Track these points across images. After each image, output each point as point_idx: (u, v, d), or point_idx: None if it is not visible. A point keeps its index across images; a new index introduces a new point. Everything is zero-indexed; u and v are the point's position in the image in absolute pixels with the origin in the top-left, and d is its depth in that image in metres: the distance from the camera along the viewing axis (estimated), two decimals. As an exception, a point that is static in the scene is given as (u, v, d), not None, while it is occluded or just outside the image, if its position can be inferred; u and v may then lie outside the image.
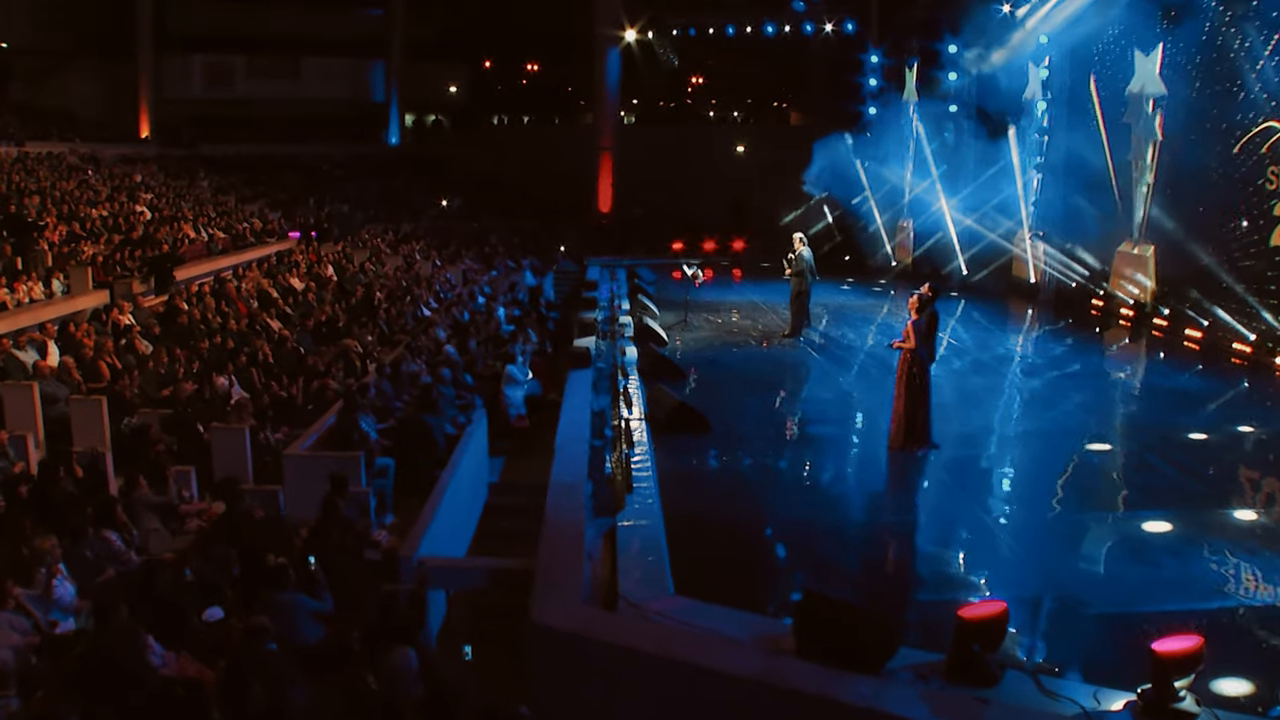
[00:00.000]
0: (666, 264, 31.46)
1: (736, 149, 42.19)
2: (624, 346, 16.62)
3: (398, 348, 16.25)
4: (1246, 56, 18.04)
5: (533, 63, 47.82)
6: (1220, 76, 18.81)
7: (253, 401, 11.90)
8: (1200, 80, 19.34)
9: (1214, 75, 19.00)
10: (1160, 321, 20.84)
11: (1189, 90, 19.65)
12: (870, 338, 20.05)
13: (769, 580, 8.76)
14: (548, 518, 8.62)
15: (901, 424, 11.88)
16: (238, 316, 16.35)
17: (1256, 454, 12.86)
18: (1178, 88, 19.99)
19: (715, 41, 39.01)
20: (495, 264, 28.15)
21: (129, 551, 8.02)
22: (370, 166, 40.37)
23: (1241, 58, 18.14)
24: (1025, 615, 7.99)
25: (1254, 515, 10.31)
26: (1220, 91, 18.84)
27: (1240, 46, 18.28)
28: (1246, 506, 10.66)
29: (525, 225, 36.50)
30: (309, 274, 21.35)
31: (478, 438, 11.99)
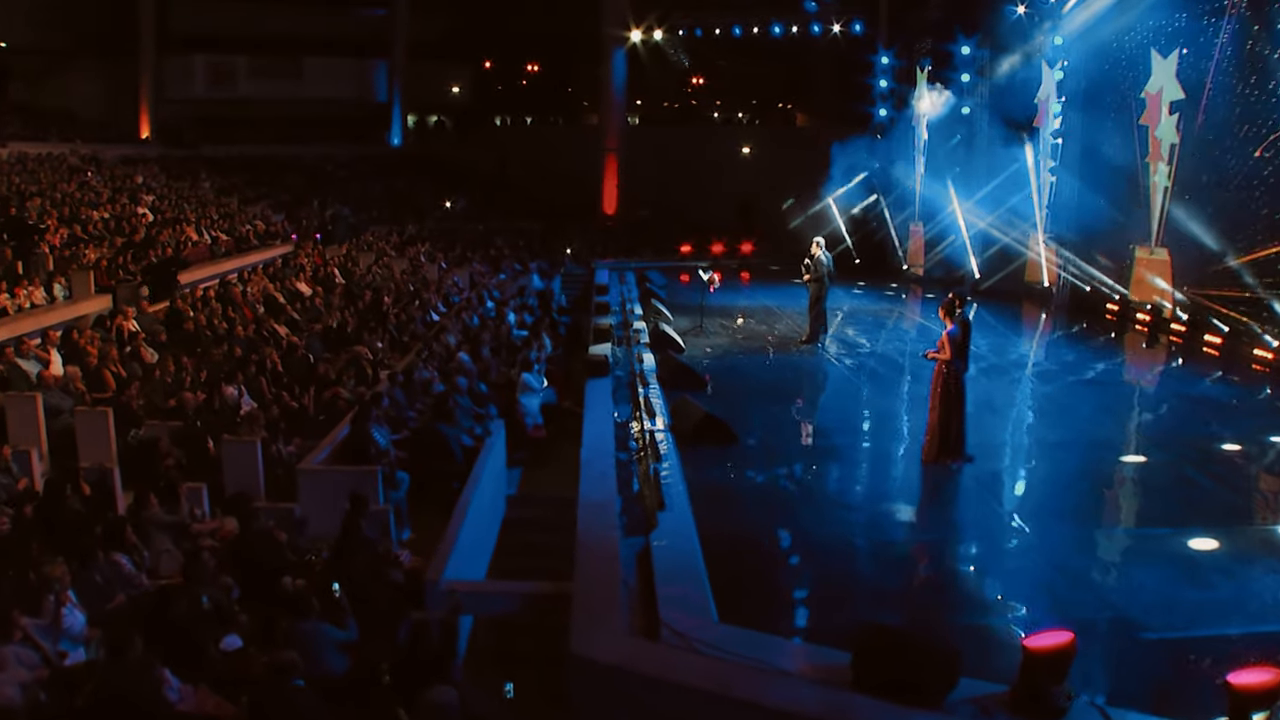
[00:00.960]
0: (675, 267, 31.15)
1: (743, 150, 41.87)
2: (640, 353, 16.21)
3: (409, 355, 15.87)
4: (1273, 58, 17.72)
5: (536, 63, 47.47)
6: (1243, 79, 18.47)
7: (262, 412, 11.51)
8: (1221, 83, 18.99)
9: (1235, 78, 18.68)
10: (1178, 327, 20.51)
11: (1209, 93, 19.30)
12: (888, 344, 19.70)
13: (813, 605, 8.39)
14: (580, 539, 8.24)
15: (935, 436, 11.52)
16: (244, 323, 15.95)
17: None
18: (1197, 90, 19.65)
19: (721, 42, 38.65)
20: (503, 267, 27.74)
21: (140, 575, 7.65)
22: (373, 167, 39.96)
23: (1270, 60, 17.81)
24: (1081, 640, 7.57)
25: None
26: (1243, 94, 18.49)
27: (1265, 49, 17.97)
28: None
29: (530, 227, 36.12)
30: (315, 278, 20.95)
31: (497, 450, 11.61)
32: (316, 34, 40.83)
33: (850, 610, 8.14)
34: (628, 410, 13.24)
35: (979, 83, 26.72)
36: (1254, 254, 18.41)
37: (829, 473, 11.85)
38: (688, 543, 8.46)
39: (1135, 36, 21.23)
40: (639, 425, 12.19)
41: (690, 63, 40.55)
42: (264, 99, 40.45)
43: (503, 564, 10.52)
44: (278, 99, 40.59)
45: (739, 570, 8.47)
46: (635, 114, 44.67)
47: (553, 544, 11.39)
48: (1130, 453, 12.55)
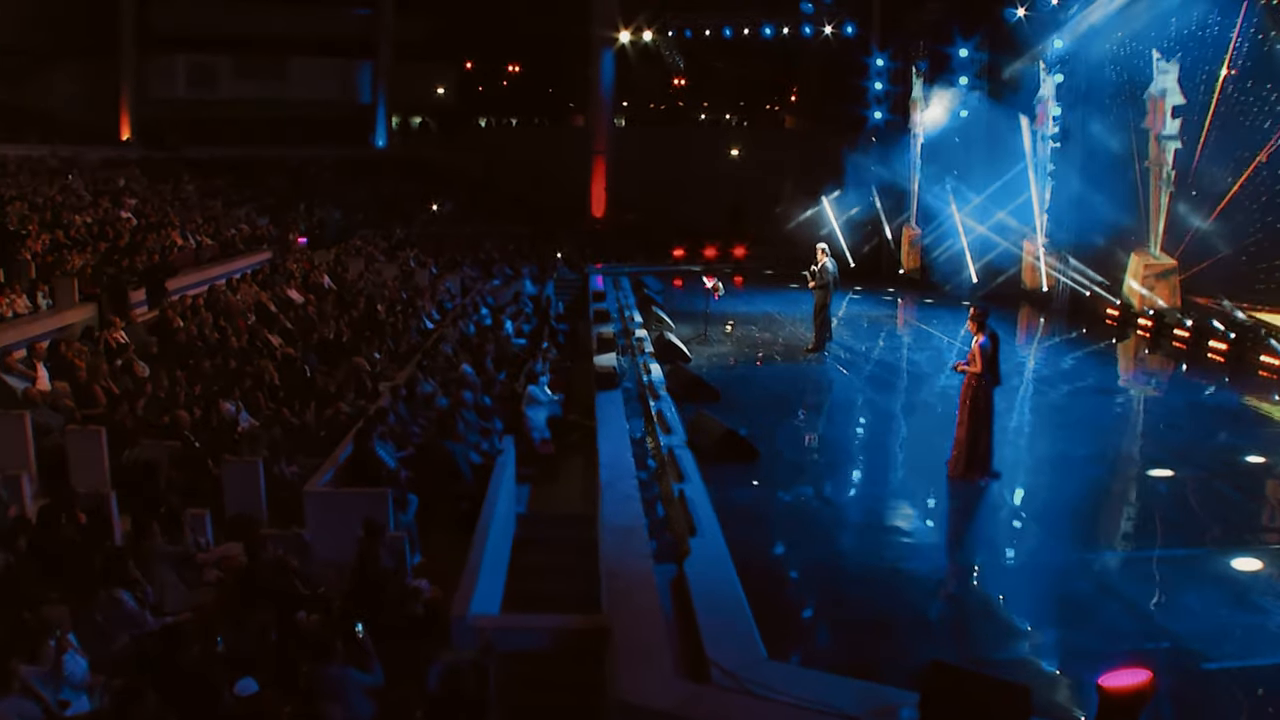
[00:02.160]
0: (669, 271, 30.76)
1: (731, 153, 41.52)
2: (647, 364, 15.73)
3: (408, 366, 15.36)
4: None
5: (522, 64, 46.96)
6: (1246, 83, 18.23)
7: (263, 430, 11.00)
8: (1226, 87, 18.73)
9: (1240, 82, 18.43)
10: (1181, 333, 20.25)
11: (1212, 96, 19.04)
12: (894, 352, 19.37)
13: (859, 636, 7.94)
14: (611, 568, 7.77)
15: (964, 452, 11.16)
16: (237, 333, 15.38)
17: None
18: (1199, 94, 19.39)
19: (711, 43, 38.28)
20: (494, 272, 27.24)
21: (143, 613, 7.14)
22: (358, 170, 39.33)
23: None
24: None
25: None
26: (1246, 99, 18.24)
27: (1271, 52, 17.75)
28: None
29: (519, 230, 35.62)
30: (305, 284, 20.40)
31: (509, 468, 11.13)
32: (300, 34, 40.14)
33: (899, 642, 7.77)
34: (640, 425, 12.79)
35: (977, 85, 26.42)
36: (1258, 259, 18.21)
37: (857, 491, 11.43)
38: (724, 570, 8.00)
39: (1139, 39, 20.95)
40: (653, 441, 11.73)
41: (679, 65, 40.13)
42: (247, 100, 39.74)
43: (518, 588, 10.03)
44: (260, 100, 39.89)
45: (779, 599, 8.06)
46: (621, 115, 44.27)
47: (568, 565, 10.95)
48: (1156, 467, 12.19)
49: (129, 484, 9.42)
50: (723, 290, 19.26)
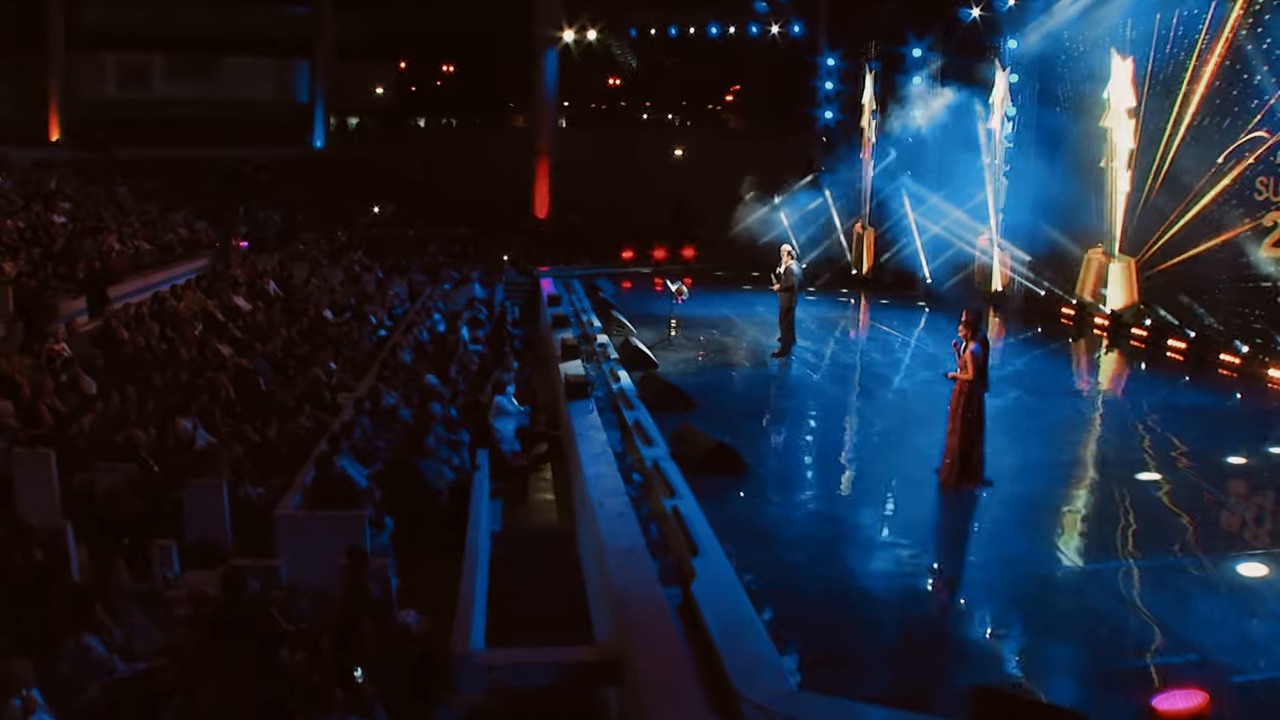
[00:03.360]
0: (618, 273, 30.29)
1: (675, 153, 41.16)
2: (614, 371, 15.26)
3: (366, 377, 14.72)
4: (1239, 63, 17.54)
5: (462, 64, 46.18)
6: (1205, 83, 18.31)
7: (222, 448, 10.35)
8: (1183, 87, 18.79)
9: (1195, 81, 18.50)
10: (1140, 332, 20.33)
11: (1169, 96, 19.10)
12: (861, 354, 19.16)
13: (884, 660, 7.61)
14: (619, 595, 7.30)
15: (956, 460, 10.93)
16: (185, 344, 14.61)
17: None
18: (1157, 92, 19.45)
19: (655, 43, 37.90)
20: (442, 276, 26.53)
21: (112, 659, 6.53)
22: (296, 171, 38.27)
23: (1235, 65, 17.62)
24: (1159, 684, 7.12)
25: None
26: (1204, 99, 18.32)
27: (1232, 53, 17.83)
28: None
29: (462, 232, 34.89)
30: (251, 290, 19.62)
31: (486, 485, 10.62)
32: (235, 32, 39.00)
33: (927, 665, 7.52)
34: (616, 436, 12.31)
35: (931, 85, 26.33)
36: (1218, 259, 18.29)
37: (852, 503, 11.06)
38: (734, 593, 7.59)
39: (1097, 38, 20.96)
40: (634, 454, 11.27)
41: (631, 63, 39.67)
42: (180, 100, 38.52)
43: (500, 610, 9.53)
44: (194, 100, 38.68)
45: (795, 623, 7.64)
46: (562, 115, 43.70)
47: (550, 585, 10.49)
48: (1142, 471, 12.07)
49: (84, 512, 8.74)
50: (686, 294, 18.84)
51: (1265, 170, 17.26)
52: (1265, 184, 17.32)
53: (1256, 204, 17.44)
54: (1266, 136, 17.22)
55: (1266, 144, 17.21)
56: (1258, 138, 17.38)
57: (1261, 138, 17.31)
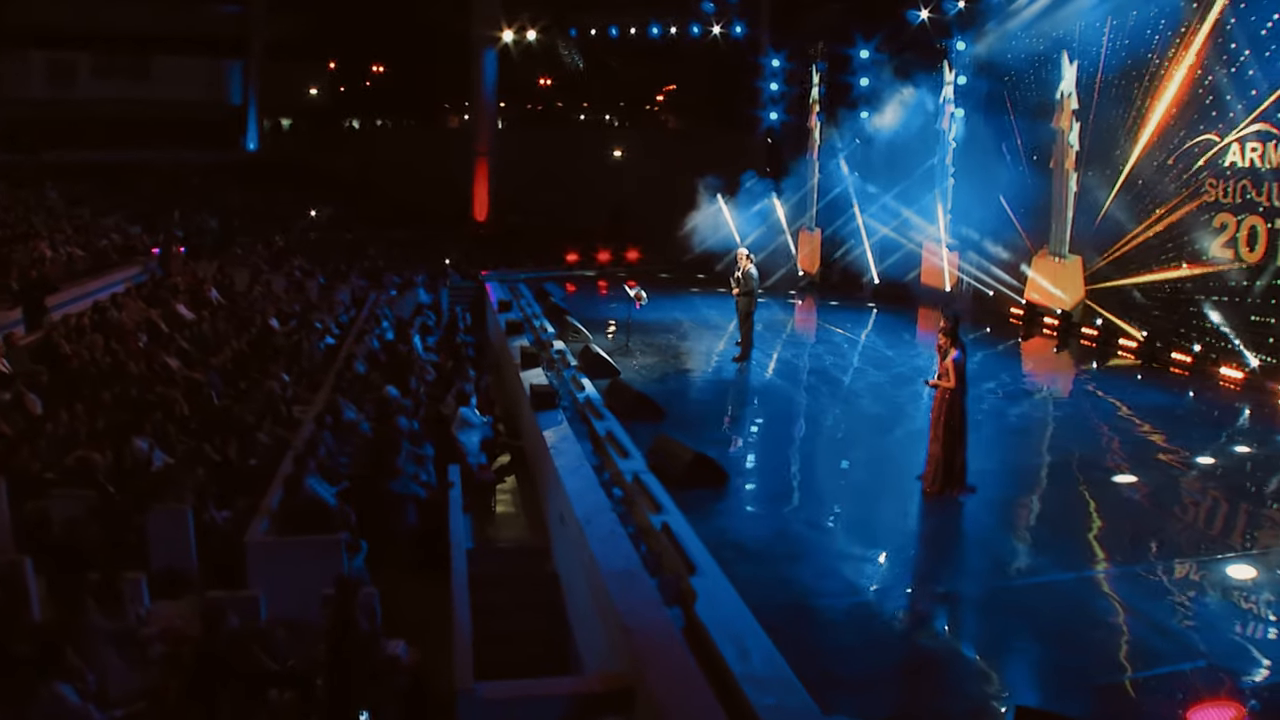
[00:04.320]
0: (563, 276, 29.95)
1: (614, 154, 40.87)
2: (577, 379, 14.91)
3: (322, 390, 14.21)
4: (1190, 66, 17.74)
5: (398, 64, 45.38)
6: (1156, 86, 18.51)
7: (183, 469, 9.85)
8: (1135, 89, 18.98)
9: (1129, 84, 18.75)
10: (1090, 331, 20.53)
11: (1120, 98, 19.29)
12: (818, 357, 19.04)
13: (909, 679, 7.44)
14: (624, 621, 6.99)
15: (939, 467, 10.82)
16: (131, 357, 13.98)
17: (1274, 479, 12.56)
18: (1108, 94, 19.64)
19: (595, 43, 37.55)
20: (385, 281, 25.93)
21: (87, 708, 6.07)
22: (230, 174, 37.26)
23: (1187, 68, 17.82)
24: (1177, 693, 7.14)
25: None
26: (1155, 102, 18.52)
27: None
28: None
29: (401, 235, 34.23)
30: (193, 298, 18.93)
31: (460, 503, 10.25)
32: (166, 31, 37.81)
33: (948, 683, 7.35)
34: (588, 448, 11.98)
35: (878, 86, 26.38)
36: (1167, 261, 18.52)
37: (839, 513, 10.85)
38: (740, 614, 7.34)
39: (1047, 40, 21.12)
40: (611, 466, 10.96)
41: (578, 64, 39.26)
42: (109, 100, 37.20)
43: (481, 631, 9.18)
44: (124, 100, 37.40)
45: (804, 643, 7.43)
46: (498, 116, 43.15)
47: (528, 601, 10.18)
48: (1117, 473, 12.09)
49: (40, 544, 8.21)
50: (645, 298, 18.55)
51: (1213, 173, 17.50)
52: (1214, 185, 17.55)
53: (1206, 206, 17.68)
54: (1216, 139, 17.45)
55: (1216, 147, 17.45)
56: (1208, 140, 17.61)
57: (1212, 140, 17.54)
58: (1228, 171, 17.19)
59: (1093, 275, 20.57)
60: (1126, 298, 19.64)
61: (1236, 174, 17.02)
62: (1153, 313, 18.95)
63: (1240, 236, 17.05)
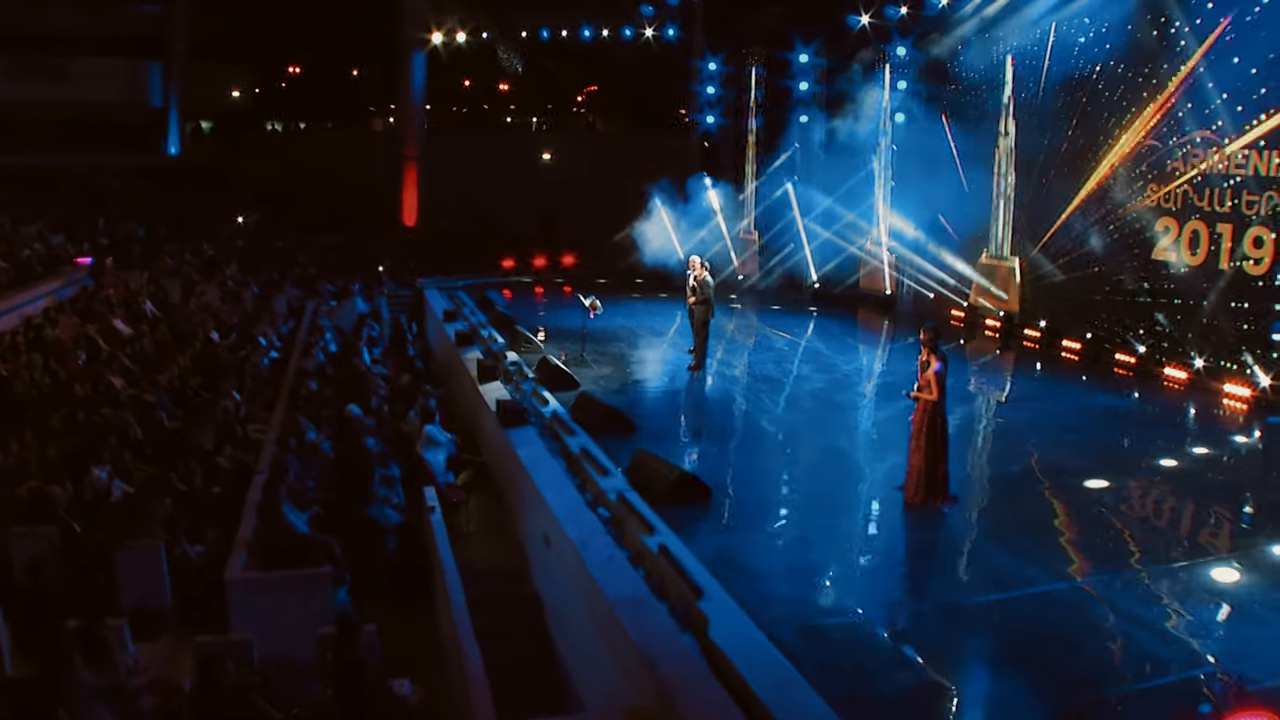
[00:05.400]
0: (500, 282, 29.55)
1: (544, 157, 40.45)
2: (538, 392, 14.57)
3: (276, 409, 13.71)
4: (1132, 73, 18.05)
5: (322, 66, 44.38)
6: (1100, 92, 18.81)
7: (149, 500, 9.35)
8: (1072, 94, 19.28)
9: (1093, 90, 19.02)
10: (1032, 333, 20.81)
11: (1063, 103, 19.57)
12: (771, 365, 18.95)
13: (936, 700, 7.34)
14: (643, 653, 6.77)
15: (921, 479, 10.82)
16: (73, 377, 13.31)
17: (1241, 479, 12.85)
18: (1048, 100, 19.92)
19: (526, 45, 37.12)
20: (321, 291, 25.26)
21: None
22: (151, 179, 35.94)
23: (1130, 74, 18.13)
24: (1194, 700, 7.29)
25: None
26: (1099, 107, 18.83)
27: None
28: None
29: (332, 241, 33.41)
30: (128, 312, 18.18)
31: (444, 528, 9.91)
32: (82, 31, 36.32)
33: (972, 700, 7.40)
34: (561, 465, 11.69)
35: (817, 90, 26.48)
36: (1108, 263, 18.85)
37: (826, 528, 10.67)
38: (754, 638, 7.21)
39: (989, 46, 21.34)
40: (591, 485, 10.70)
41: (517, 68, 38.73)
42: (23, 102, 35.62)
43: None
44: (42, 102, 35.86)
45: (823, 664, 7.32)
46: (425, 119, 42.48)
47: (513, 626, 9.91)
48: (1091, 478, 12.19)
49: (3, 588, 7.70)
50: (600, 308, 18.28)
51: (1158, 177, 17.83)
52: (1156, 190, 17.89)
53: (1150, 210, 18.00)
54: (1159, 146, 17.78)
55: (1159, 153, 17.78)
56: (1151, 146, 17.94)
57: (1155, 146, 17.87)
58: (1170, 176, 17.54)
59: (1034, 277, 20.84)
60: (1069, 299, 19.94)
61: (1179, 179, 17.36)
62: (1097, 314, 19.24)
63: (1183, 240, 17.41)
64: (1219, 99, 16.32)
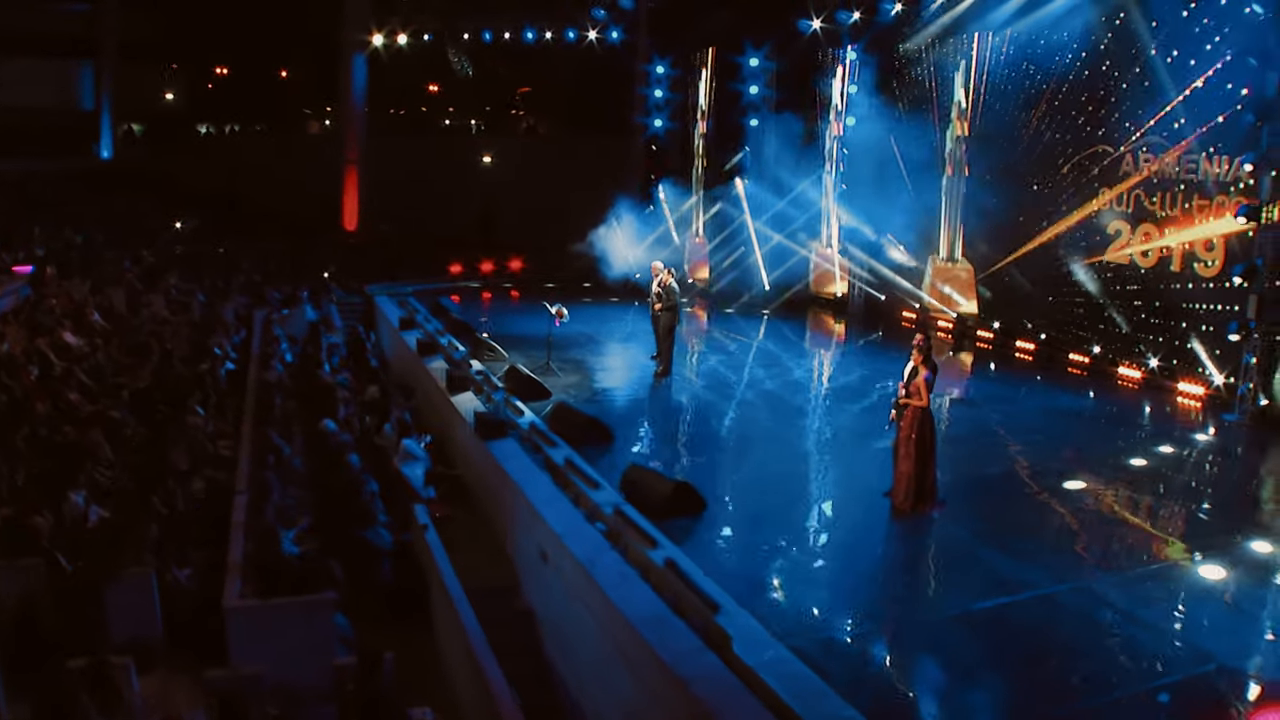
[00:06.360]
0: (448, 288, 29.21)
1: (484, 160, 40.08)
2: (511, 402, 14.38)
3: (244, 424, 13.32)
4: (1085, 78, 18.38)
5: (258, 67, 43.49)
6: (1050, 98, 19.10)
7: (134, 526, 9.01)
8: (1026, 99, 19.56)
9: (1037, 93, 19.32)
10: (985, 334, 21.11)
11: (1015, 108, 19.86)
12: (738, 370, 18.99)
13: (969, 709, 7.40)
14: (678, 673, 6.68)
15: (911, 485, 10.95)
16: (30, 393, 12.81)
17: (1207, 478, 13.34)
18: (1001, 103, 20.19)
19: (472, 46, 36.74)
20: (269, 299, 24.68)
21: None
22: (84, 184, 34.84)
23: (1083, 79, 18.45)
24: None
25: (1270, 548, 10.34)
26: (1050, 113, 19.12)
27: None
28: (1259, 536, 10.65)
29: (273, 247, 32.72)
30: (76, 323, 17.58)
31: (441, 547, 9.70)
32: (8, 31, 35.12)
33: (1001, 703, 7.47)
34: (547, 478, 11.53)
35: (767, 94, 26.56)
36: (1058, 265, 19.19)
37: (822, 536, 10.87)
38: (780, 653, 7.19)
39: (945, 48, 21.58)
40: (586, 500, 10.56)
41: (467, 71, 38.26)
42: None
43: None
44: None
45: (852, 677, 7.35)
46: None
47: (508, 644, 9.66)
48: (1070, 479, 12.43)
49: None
50: (566, 315, 18.11)
51: (1107, 182, 18.19)
52: (1107, 193, 18.26)
53: (1101, 213, 18.36)
54: (1110, 150, 18.13)
55: (1110, 157, 18.13)
56: (1102, 150, 18.29)
57: (1106, 150, 18.21)
58: (1121, 180, 17.90)
59: (987, 279, 21.13)
60: (1022, 300, 20.25)
61: (1129, 182, 17.73)
62: (1051, 315, 19.56)
63: (1135, 242, 17.77)
64: (1173, 103, 16.68)
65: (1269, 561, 9.94)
